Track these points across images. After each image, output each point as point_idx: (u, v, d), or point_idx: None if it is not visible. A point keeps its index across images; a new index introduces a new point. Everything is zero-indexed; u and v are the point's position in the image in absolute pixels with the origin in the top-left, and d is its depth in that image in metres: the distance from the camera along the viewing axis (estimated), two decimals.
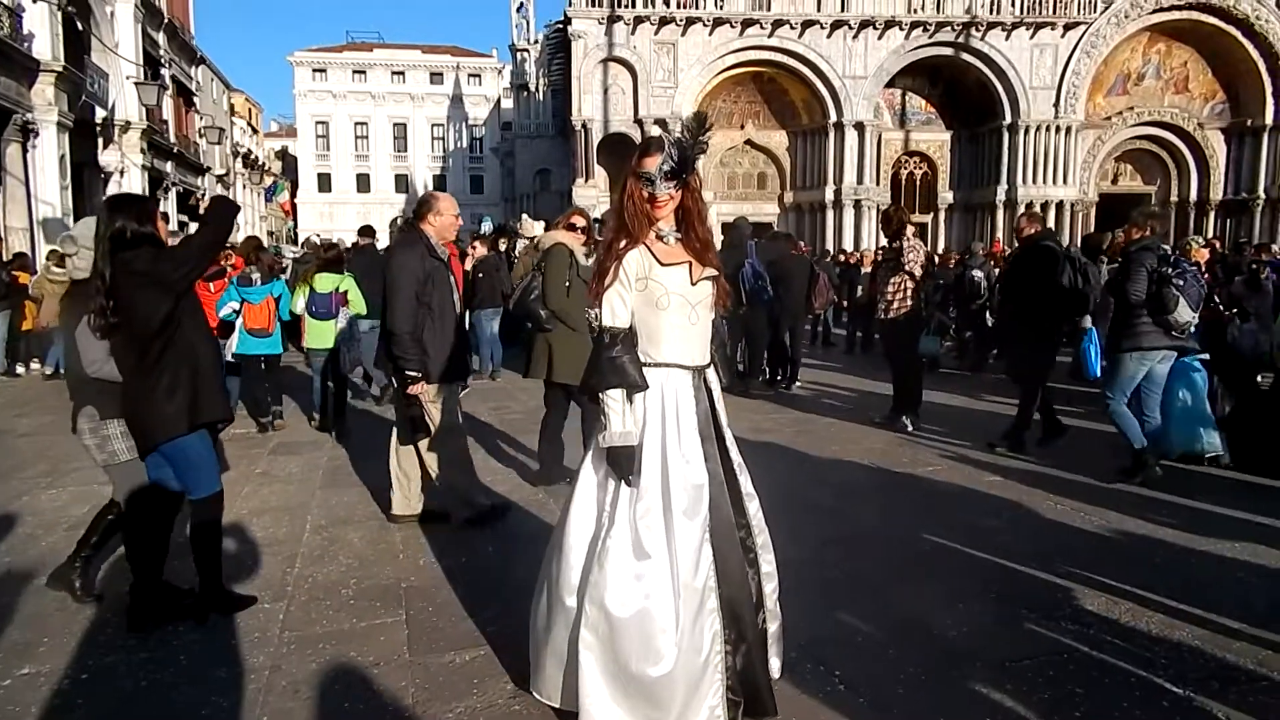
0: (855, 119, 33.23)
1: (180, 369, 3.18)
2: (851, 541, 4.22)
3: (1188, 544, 4.20)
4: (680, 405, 2.38)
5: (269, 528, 4.59)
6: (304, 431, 7.23)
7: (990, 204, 34.97)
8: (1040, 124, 33.74)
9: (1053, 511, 4.78)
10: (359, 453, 6.37)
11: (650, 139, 2.41)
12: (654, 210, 2.38)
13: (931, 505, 4.93)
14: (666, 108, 32.40)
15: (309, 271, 7.31)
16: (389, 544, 4.31)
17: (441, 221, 4.32)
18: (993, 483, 5.38)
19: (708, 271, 2.43)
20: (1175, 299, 5.07)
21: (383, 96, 55.43)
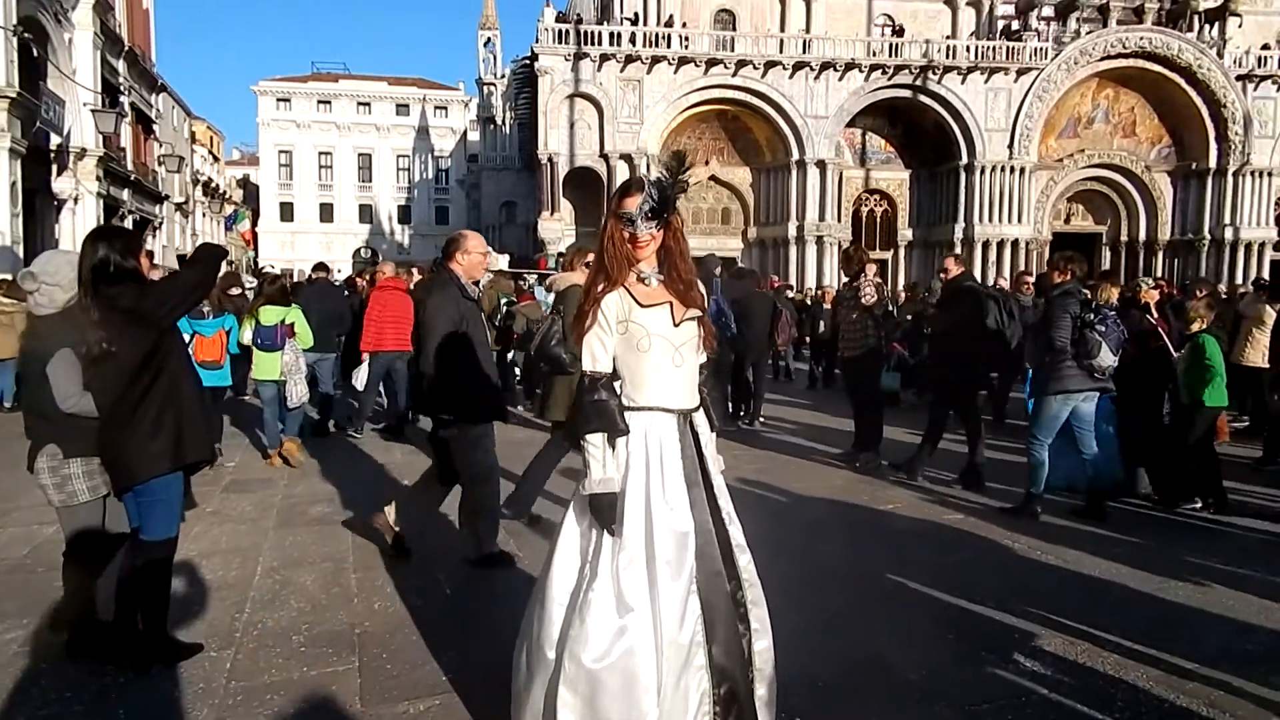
0: (817, 157, 33.92)
1: (165, 407, 3.12)
2: (817, 581, 4.21)
3: (1139, 584, 4.27)
4: (664, 451, 2.33)
5: (218, 570, 4.46)
6: (257, 468, 7.06)
7: (949, 241, 35.78)
8: (995, 165, 34.76)
9: (1011, 549, 4.83)
10: (314, 490, 6.24)
11: (630, 180, 2.40)
12: (636, 251, 2.36)
13: (894, 542, 4.96)
14: (632, 143, 32.79)
15: (255, 304, 7.33)
16: (343, 587, 4.20)
17: (470, 260, 4.27)
18: (953, 520, 5.43)
19: (691, 312, 2.39)
20: (1098, 344, 5.27)
21: (348, 127, 55.31)
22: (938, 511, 5.64)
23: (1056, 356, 5.36)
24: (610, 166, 33.00)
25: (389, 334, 8.21)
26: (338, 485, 6.41)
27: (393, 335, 8.22)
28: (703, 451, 2.40)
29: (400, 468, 7.05)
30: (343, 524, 5.31)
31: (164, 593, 3.33)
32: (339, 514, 5.58)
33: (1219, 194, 36.15)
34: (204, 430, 3.31)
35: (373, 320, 8.18)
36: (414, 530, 5.12)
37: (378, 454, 7.63)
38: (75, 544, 3.33)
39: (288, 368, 7.22)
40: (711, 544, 2.33)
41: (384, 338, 8.19)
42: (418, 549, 4.75)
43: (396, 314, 8.23)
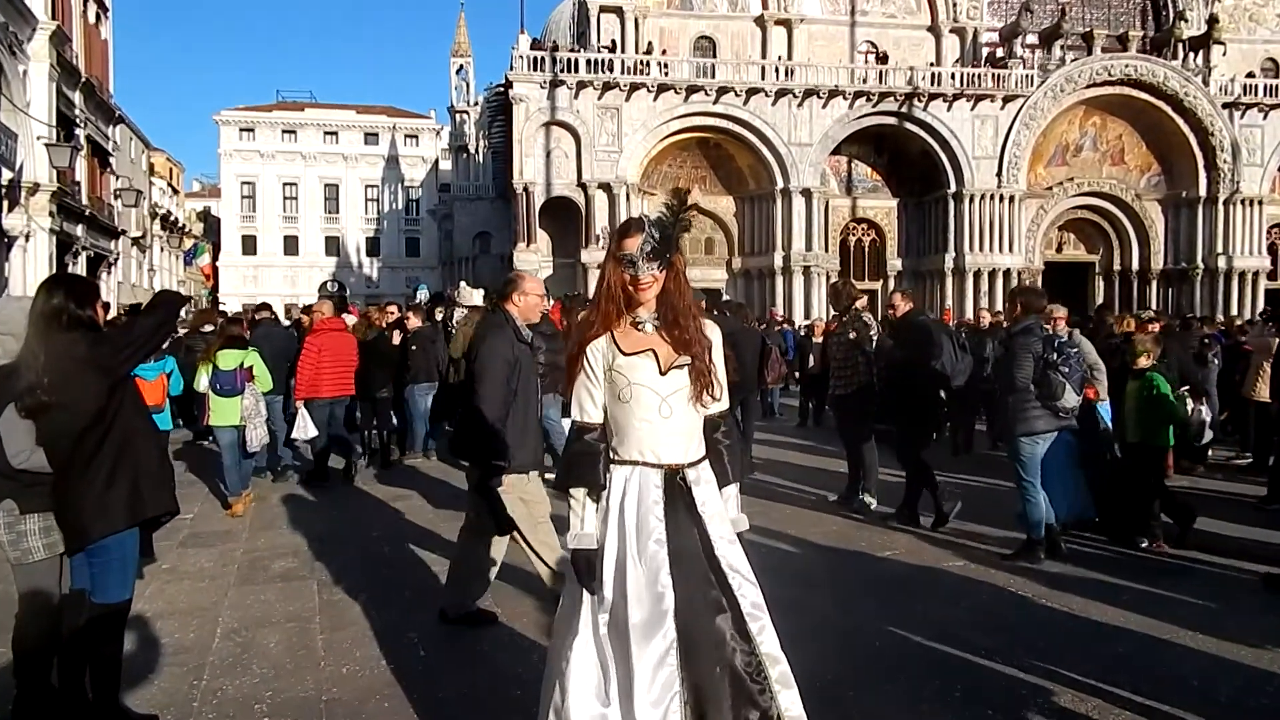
0: (802, 185, 34.39)
1: (120, 459, 3.08)
2: (810, 639, 4.14)
3: (1149, 631, 4.27)
4: (642, 507, 2.31)
5: (175, 632, 4.35)
6: (216, 520, 6.94)
7: (939, 271, 36.26)
8: (984, 193, 35.39)
9: (1013, 597, 4.82)
10: (278, 543, 6.13)
11: (630, 220, 2.40)
12: (638, 294, 2.36)
13: (891, 593, 4.93)
14: (611, 171, 33.11)
15: (211, 348, 7.32)
16: (310, 649, 4.11)
17: (526, 303, 4.25)
18: (955, 566, 5.42)
19: (680, 360, 2.34)
20: (1061, 385, 5.33)
21: (314, 156, 55.47)
22: (939, 557, 5.63)
23: (1019, 397, 5.44)
24: (588, 196, 33.27)
25: (327, 379, 8.14)
26: (304, 537, 6.31)
27: (331, 380, 8.17)
28: (699, 510, 2.33)
29: (371, 515, 6.96)
30: (309, 580, 5.22)
31: (116, 658, 3.24)
32: (305, 569, 5.48)
33: (1210, 222, 36.97)
34: (164, 483, 3.26)
35: (308, 365, 8.05)
36: (383, 584, 5.04)
37: (345, 502, 7.53)
38: (30, 603, 3.25)
39: (247, 412, 7.22)
40: (708, 613, 2.25)
41: (320, 383, 8.10)
42: (389, 605, 4.67)
43: (336, 357, 8.20)
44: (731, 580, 2.30)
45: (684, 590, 2.25)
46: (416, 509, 7.19)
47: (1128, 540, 5.88)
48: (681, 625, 2.23)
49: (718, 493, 2.40)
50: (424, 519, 6.84)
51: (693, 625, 2.24)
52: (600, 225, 33.19)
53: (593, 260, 32.94)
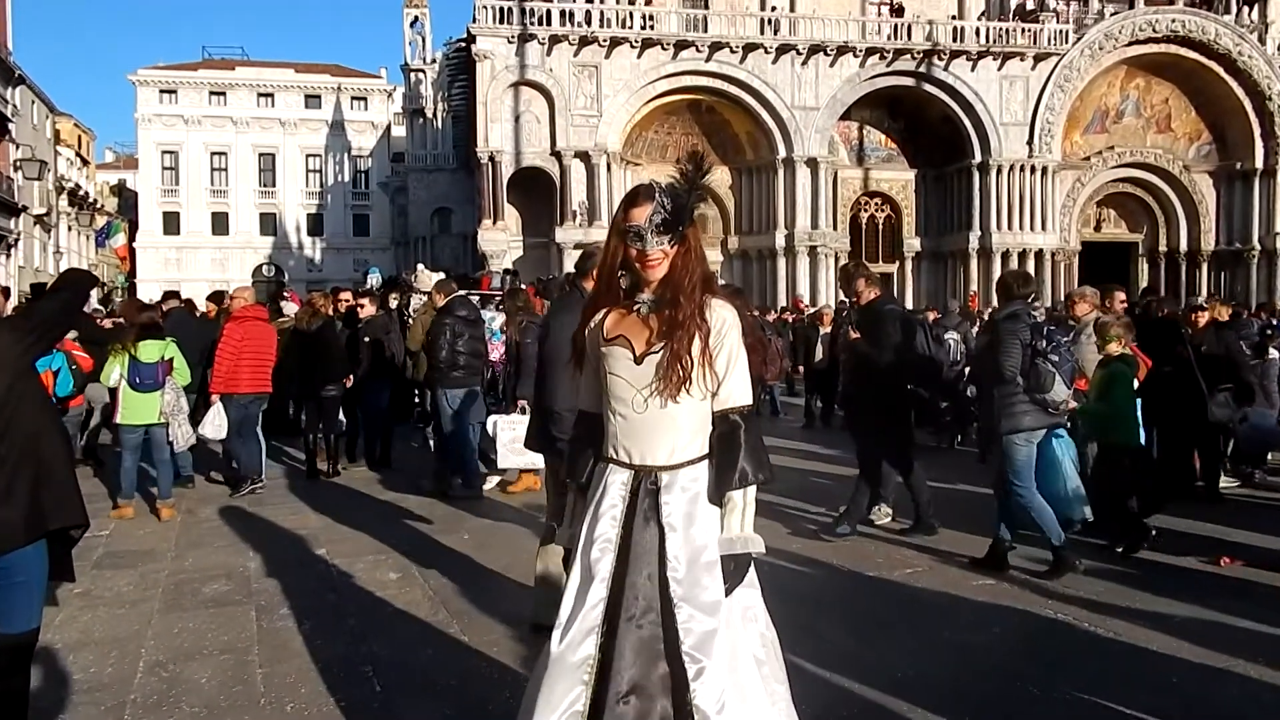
0: (807, 155, 34.52)
1: (19, 464, 3.01)
2: (824, 669, 4.17)
3: (1201, 659, 4.30)
4: (601, 512, 2.39)
5: (90, 667, 4.31)
6: (137, 537, 6.89)
7: (962, 251, 36.52)
8: (1013, 163, 35.66)
9: (1049, 621, 4.85)
10: (209, 563, 6.09)
11: (638, 187, 2.43)
12: (645, 271, 2.39)
13: (912, 617, 4.95)
14: (589, 138, 33.11)
15: (128, 337, 7.37)
16: (247, 685, 4.08)
17: None
18: (980, 586, 5.45)
19: (657, 346, 2.36)
20: (1051, 376, 5.44)
21: (246, 122, 55.05)
22: (964, 576, 5.66)
23: (1006, 390, 5.55)
24: (563, 166, 33.26)
25: (245, 373, 8.20)
26: (239, 556, 6.28)
27: (250, 374, 8.24)
28: (662, 522, 2.35)
29: (317, 531, 6.92)
30: (246, 605, 5.18)
31: (22, 695, 3.19)
32: (240, 593, 5.45)
33: (1269, 198, 37.41)
34: (72, 491, 3.20)
35: (226, 357, 8.11)
36: (331, 610, 5.02)
37: (286, 517, 7.50)
38: None
39: (169, 409, 7.36)
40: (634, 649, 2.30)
41: (239, 378, 8.15)
42: (338, 633, 4.65)
43: (256, 349, 8.27)
44: (678, 611, 2.29)
45: (626, 612, 2.30)
46: (369, 523, 7.15)
47: (1128, 547, 6.08)
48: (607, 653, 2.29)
49: (704, 504, 2.38)
50: (378, 535, 6.81)
51: (620, 657, 2.28)
52: (577, 200, 33.22)
53: (568, 239, 32.93)
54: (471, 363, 8.09)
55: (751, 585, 2.43)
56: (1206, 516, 7.14)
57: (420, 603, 5.21)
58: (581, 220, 33.37)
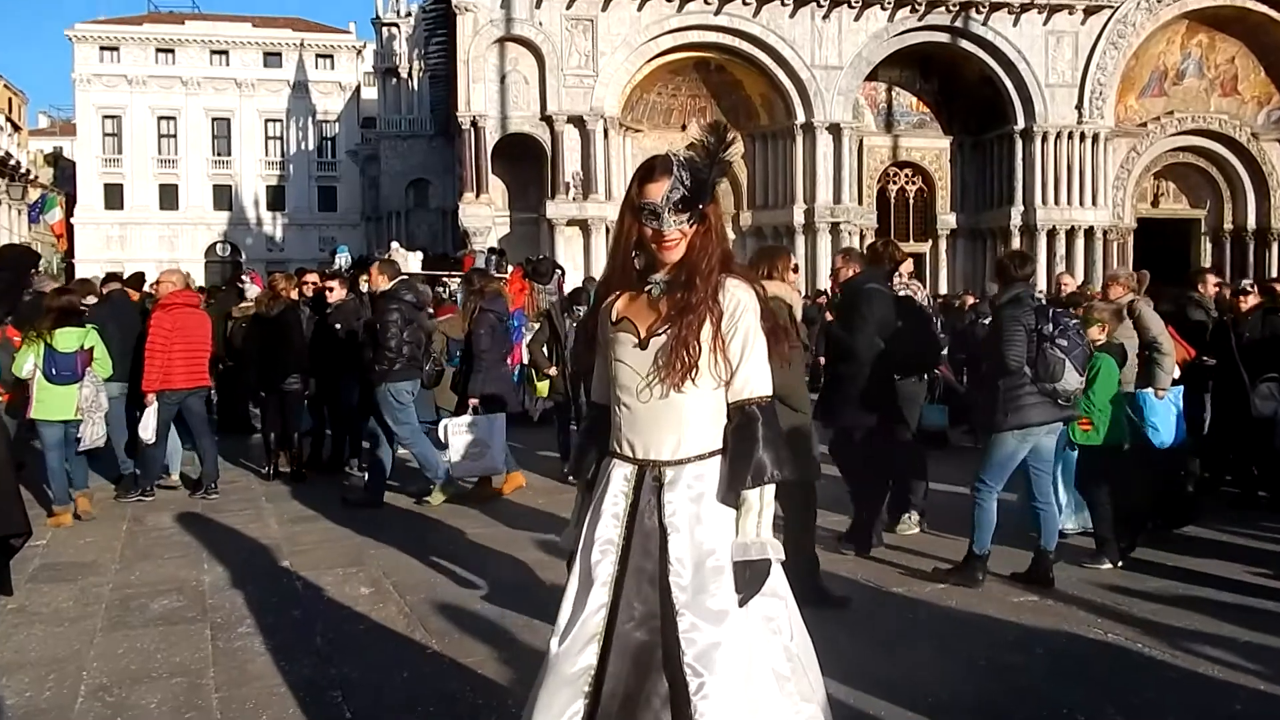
0: (828, 120, 34.48)
1: None
2: (848, 694, 4.19)
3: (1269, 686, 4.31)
4: (605, 510, 2.46)
5: (26, 690, 4.34)
6: (76, 546, 6.92)
7: (1003, 229, 36.48)
8: (1060, 130, 35.59)
9: (1097, 643, 4.88)
10: (158, 576, 6.12)
11: (655, 159, 2.47)
12: (661, 252, 2.44)
13: (946, 635, 4.98)
14: (584, 101, 33.05)
15: (42, 324, 7.40)
16: (202, 711, 4.11)
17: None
18: (1021, 604, 5.47)
19: (660, 329, 2.42)
20: (1061, 363, 5.48)
21: (198, 83, 54.97)
22: (1003, 592, 5.68)
23: (1011, 381, 5.60)
24: (555, 132, 33.20)
25: (179, 366, 8.22)
26: (192, 568, 6.30)
27: (184, 368, 8.27)
28: (663, 522, 2.41)
29: (279, 540, 6.95)
30: (200, 622, 5.20)
31: None
32: (194, 609, 5.47)
33: None
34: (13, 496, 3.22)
35: (157, 349, 8.10)
36: (294, 628, 5.04)
37: (245, 524, 7.53)
38: None
39: (87, 404, 7.45)
40: (634, 660, 2.37)
41: (173, 372, 8.17)
42: (302, 653, 4.67)
43: (190, 339, 8.32)
44: (680, 620, 2.34)
45: (625, 617, 2.38)
46: (338, 532, 7.18)
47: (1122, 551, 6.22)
48: (608, 663, 2.35)
49: (712, 503, 2.42)
50: (348, 544, 6.85)
51: (622, 668, 2.35)
52: (571, 170, 33.17)
53: (560, 215, 32.91)
54: (416, 354, 8.05)
55: (774, 595, 2.45)
56: (1258, 524, 7.17)
57: (395, 619, 5.22)
58: (575, 193, 33.33)
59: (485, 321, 8.24)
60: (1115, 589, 5.70)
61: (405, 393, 7.96)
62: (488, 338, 8.19)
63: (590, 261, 32.00)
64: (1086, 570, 6.04)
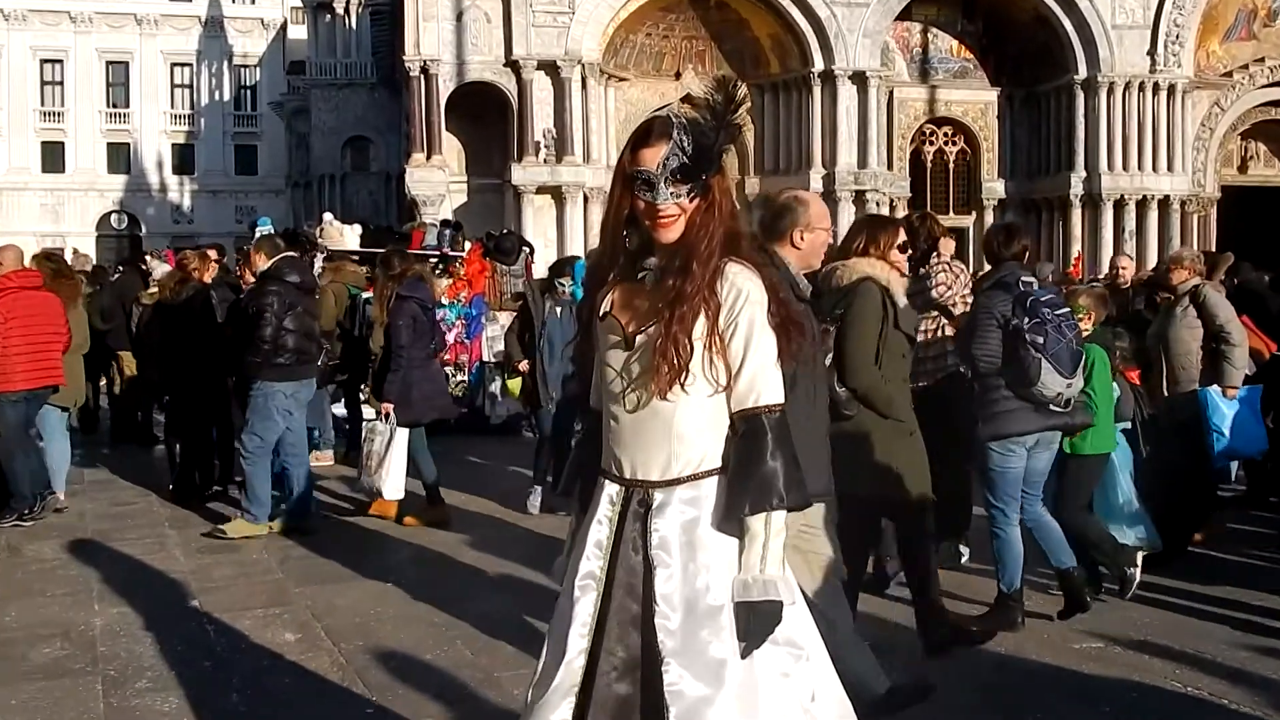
0: (852, 67, 34.54)
1: None
2: None
3: None
4: (589, 540, 2.50)
5: None
6: None
7: (1061, 199, 36.64)
8: (1129, 80, 35.73)
9: (1182, 697, 4.87)
10: (39, 618, 6.06)
11: (652, 120, 2.49)
12: (657, 230, 2.42)
13: (996, 690, 4.99)
14: (558, 43, 33.03)
15: None
16: None
17: (812, 241, 4.25)
18: (1088, 650, 5.48)
19: (648, 324, 2.42)
20: (1035, 362, 5.37)
21: (89, 19, 54.74)
22: (1065, 638, 5.69)
23: (986, 384, 5.63)
24: (522, 81, 33.16)
25: (20, 363, 8.14)
26: (79, 609, 6.24)
27: (27, 365, 8.18)
28: (649, 554, 2.42)
29: (186, 576, 6.91)
30: (90, 675, 5.14)
31: None
32: (82, 658, 5.41)
33: None
34: None
35: None
36: (204, 681, 4.99)
37: (144, 551, 7.51)
38: None
39: None
40: (614, 714, 2.41)
41: (12, 370, 8.09)
42: (220, 710, 4.63)
43: (32, 328, 8.20)
44: (665, 670, 2.34)
45: (604, 666, 2.40)
46: (259, 564, 7.17)
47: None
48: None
49: (708, 532, 2.42)
50: (270, 579, 6.83)
51: None
52: (541, 126, 33.14)
53: (529, 180, 32.87)
54: (304, 346, 7.95)
55: (791, 645, 2.43)
56: None
57: (328, 671, 5.18)
58: (547, 155, 33.32)
59: (404, 311, 8.15)
60: (1189, 630, 5.71)
61: (281, 395, 7.84)
62: (407, 330, 8.10)
63: (565, 237, 32.04)
64: (1163, 613, 6.05)
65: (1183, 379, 7.30)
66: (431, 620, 5.91)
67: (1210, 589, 6.38)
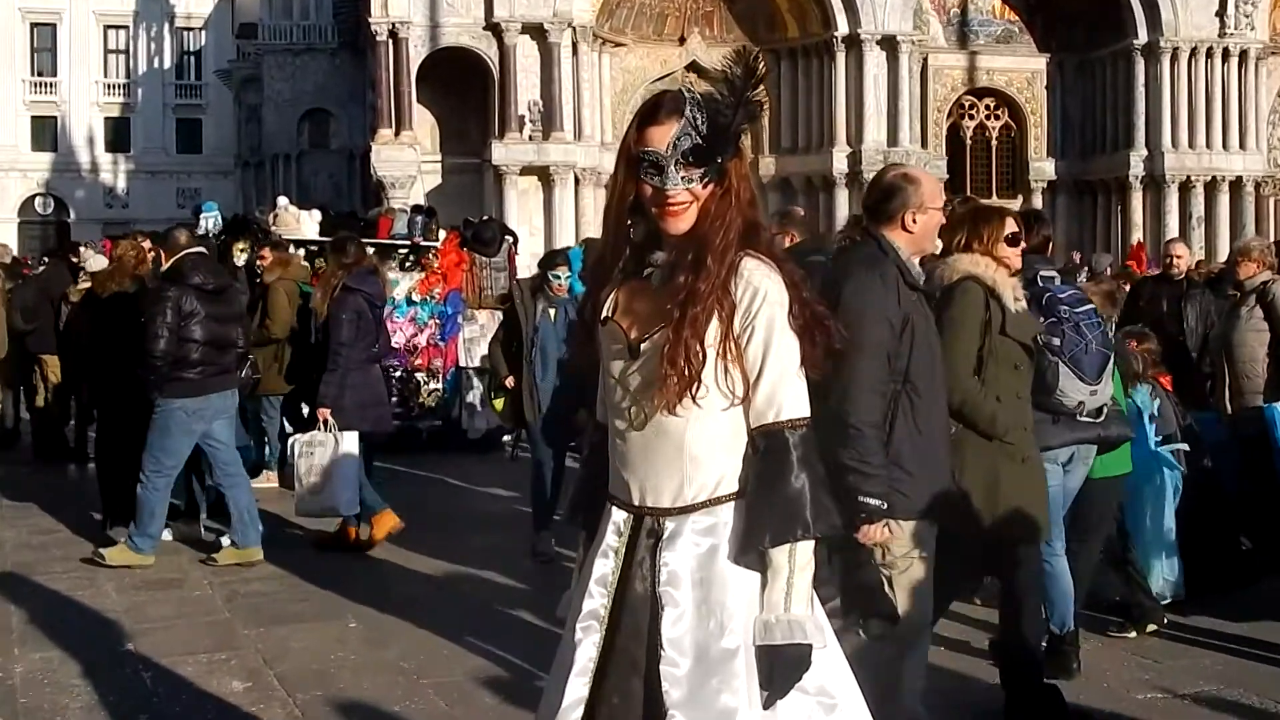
0: (881, 31, 34.62)
1: None
2: None
3: None
4: (594, 574, 2.50)
5: None
6: None
7: (1119, 181, 36.68)
8: (1196, 45, 35.79)
9: None
10: None
11: (661, 95, 2.47)
12: (665, 220, 2.41)
13: None
14: (545, 4, 33.05)
15: None
16: None
17: (926, 223, 4.28)
18: (1152, 702, 5.48)
19: (654, 329, 2.40)
20: (1052, 367, 5.33)
21: None
22: (1127, 685, 5.71)
23: None
24: (504, 47, 33.20)
25: None
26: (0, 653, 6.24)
27: None
28: (658, 591, 2.41)
29: (119, 616, 6.90)
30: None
31: None
32: (2, 708, 5.38)
33: None
34: None
35: None
36: None
37: (72, 586, 7.48)
38: None
39: None
40: None
41: None
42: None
43: None
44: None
45: (603, 718, 2.41)
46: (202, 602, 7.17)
47: None
48: None
49: (725, 566, 2.41)
50: (215, 619, 6.82)
51: None
52: (527, 99, 33.17)
53: (512, 160, 32.88)
54: (213, 358, 7.87)
55: (824, 693, 2.42)
56: None
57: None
58: (533, 130, 33.30)
59: (348, 304, 8.13)
60: (1264, 679, 5.67)
61: (180, 414, 7.78)
62: (350, 327, 8.09)
63: (553, 224, 32.07)
64: (1231, 659, 6.04)
65: (1247, 389, 7.26)
66: (399, 666, 5.88)
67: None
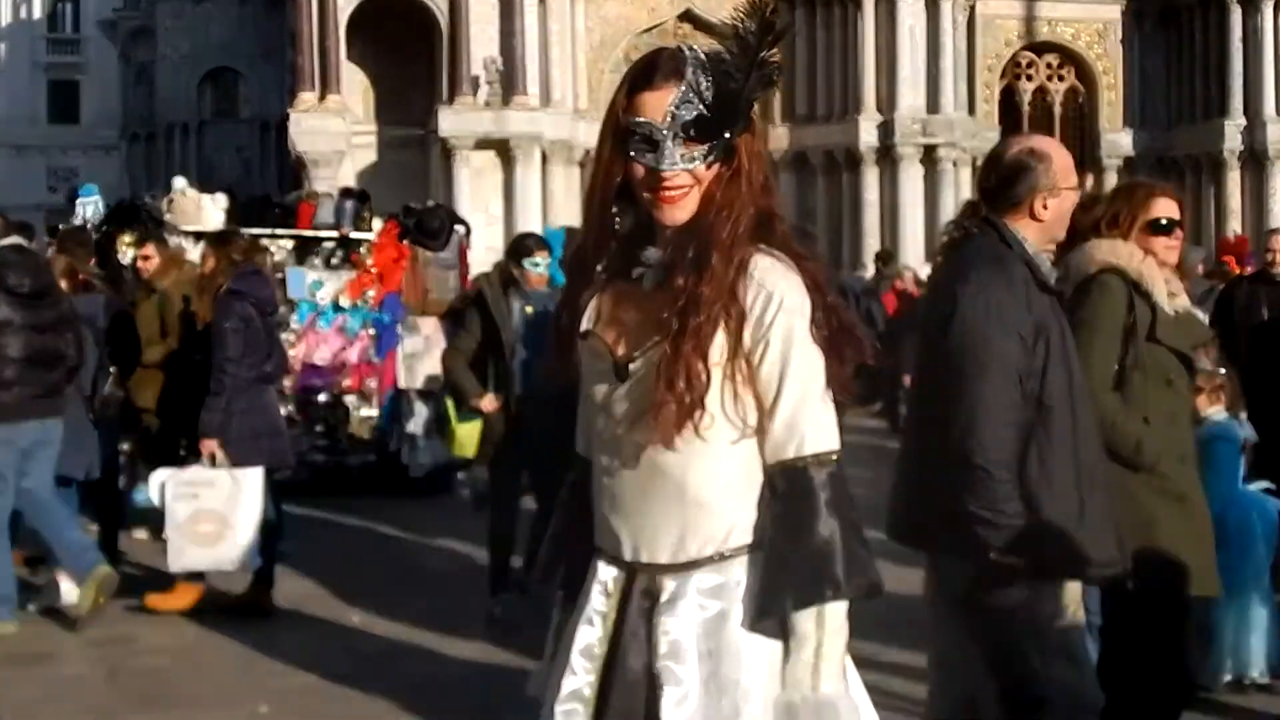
0: None
1: None
2: None
3: None
4: (577, 643, 2.49)
5: None
6: None
7: (1212, 157, 36.93)
8: None
9: None
10: None
11: (657, 53, 2.44)
12: (661, 207, 2.39)
13: None
14: None
15: None
16: None
17: (1058, 207, 4.32)
18: None
19: (649, 346, 2.38)
20: None
21: None
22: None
23: None
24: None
25: None
26: None
27: None
28: (656, 664, 2.40)
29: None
30: None
31: None
32: None
33: None
34: None
35: None
36: None
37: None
38: None
39: None
40: None
41: None
42: None
43: None
44: None
45: None
46: (78, 680, 7.19)
47: None
48: None
49: (738, 633, 2.41)
50: (85, 702, 6.82)
51: None
52: (482, 55, 33.21)
53: (463, 130, 32.94)
54: (25, 376, 7.85)
55: None
56: None
57: None
58: (491, 94, 33.33)
59: (232, 311, 8.04)
60: None
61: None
62: (236, 339, 8.02)
63: (514, 210, 32.14)
64: None
65: None
66: None
67: None
